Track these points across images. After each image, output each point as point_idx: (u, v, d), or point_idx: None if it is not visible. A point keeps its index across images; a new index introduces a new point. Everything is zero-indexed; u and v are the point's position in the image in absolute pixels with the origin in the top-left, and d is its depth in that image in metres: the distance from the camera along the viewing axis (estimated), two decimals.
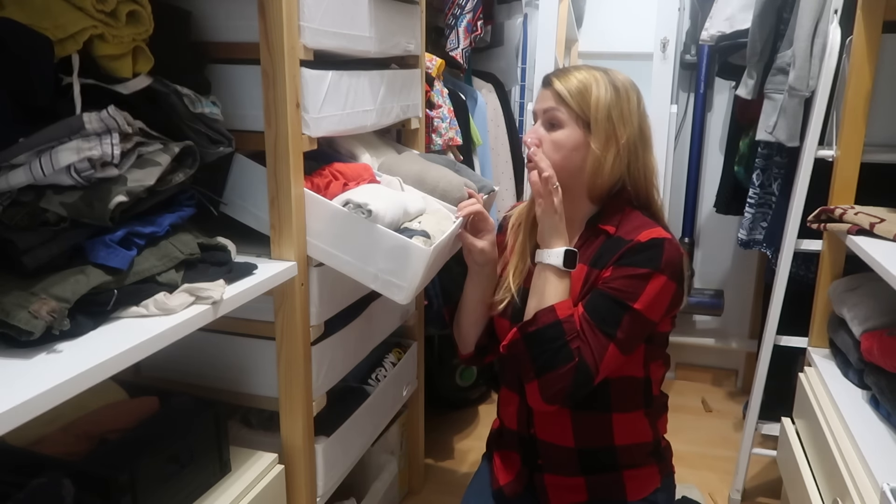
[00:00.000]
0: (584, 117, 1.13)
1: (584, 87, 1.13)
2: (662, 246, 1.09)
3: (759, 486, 2.04)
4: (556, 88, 1.14)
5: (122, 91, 1.00)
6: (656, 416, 1.25)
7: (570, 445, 1.19)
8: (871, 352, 1.38)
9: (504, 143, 2.39)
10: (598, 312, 1.08)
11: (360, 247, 1.22)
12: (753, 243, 2.05)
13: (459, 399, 2.50)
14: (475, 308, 1.29)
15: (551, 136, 1.15)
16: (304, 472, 1.29)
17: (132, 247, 0.96)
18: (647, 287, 1.08)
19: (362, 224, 1.20)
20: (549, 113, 1.16)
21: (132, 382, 1.25)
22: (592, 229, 1.18)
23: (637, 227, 1.13)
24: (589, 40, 2.69)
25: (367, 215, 1.19)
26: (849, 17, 1.61)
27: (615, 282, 1.09)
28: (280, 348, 1.24)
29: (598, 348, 1.07)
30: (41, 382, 0.74)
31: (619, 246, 1.12)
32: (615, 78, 1.16)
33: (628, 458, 1.21)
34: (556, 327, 1.07)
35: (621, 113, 1.14)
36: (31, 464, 0.96)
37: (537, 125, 1.18)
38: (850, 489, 1.20)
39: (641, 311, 1.08)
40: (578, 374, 1.06)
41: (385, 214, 1.21)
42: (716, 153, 2.63)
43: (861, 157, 1.60)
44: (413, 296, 1.25)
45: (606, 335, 1.07)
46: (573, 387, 1.06)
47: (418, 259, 1.19)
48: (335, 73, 1.25)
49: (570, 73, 1.15)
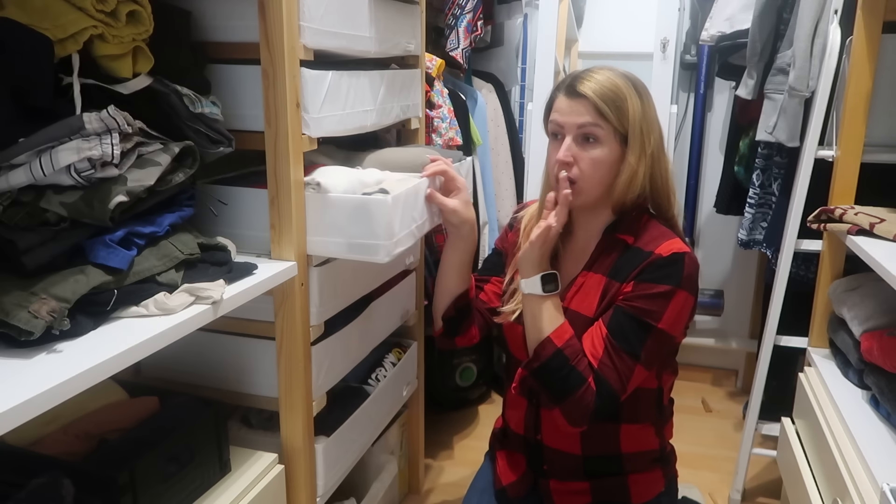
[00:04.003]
0: (622, 131, 1.09)
1: (620, 98, 1.08)
2: (683, 261, 1.08)
3: (759, 486, 2.04)
4: (591, 100, 1.07)
5: (122, 91, 1.00)
6: (663, 424, 1.25)
7: (577, 453, 1.19)
8: (871, 352, 1.38)
9: (504, 143, 2.39)
10: (622, 333, 1.07)
11: (322, 221, 1.20)
12: (753, 243, 2.05)
13: (459, 399, 2.50)
14: (451, 273, 1.30)
15: (590, 155, 1.10)
16: (304, 472, 1.29)
17: (132, 247, 0.96)
18: (670, 305, 1.07)
19: (313, 199, 1.19)
20: (585, 129, 1.09)
21: (132, 382, 1.25)
22: (610, 238, 1.16)
23: (655, 237, 1.11)
24: (589, 40, 2.69)
25: (316, 188, 1.19)
26: (849, 17, 1.61)
27: (637, 301, 1.07)
28: (280, 348, 1.24)
29: (625, 370, 1.06)
30: (41, 382, 0.74)
31: (638, 257, 1.10)
32: (636, 81, 1.11)
33: (634, 465, 1.21)
34: (558, 357, 1.07)
35: (649, 122, 1.10)
36: (31, 464, 0.97)
37: (570, 141, 1.11)
38: (850, 489, 1.20)
39: (665, 329, 1.08)
40: (600, 396, 1.06)
41: (336, 186, 1.20)
42: (716, 153, 2.63)
43: (861, 157, 1.60)
44: (395, 252, 1.21)
45: (632, 356, 1.07)
46: (596, 407, 1.06)
47: (380, 212, 1.16)
48: (335, 73, 1.25)
49: (600, 82, 1.09)
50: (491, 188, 2.26)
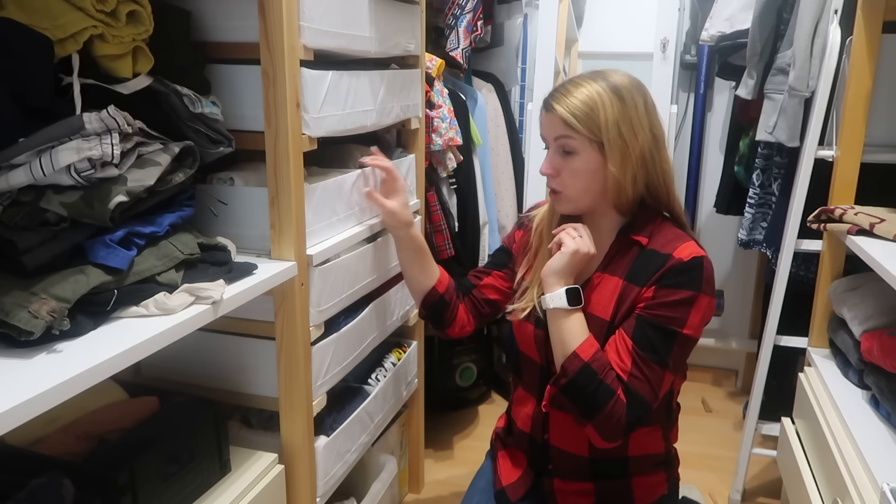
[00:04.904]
0: (596, 139, 1.09)
1: (589, 108, 1.08)
2: (702, 265, 1.08)
3: (759, 486, 2.04)
4: (560, 115, 1.09)
5: (122, 91, 1.00)
6: (670, 428, 1.25)
7: (584, 455, 1.19)
8: (871, 352, 1.38)
9: (504, 143, 2.39)
10: (648, 343, 1.07)
11: (246, 215, 1.21)
12: (753, 243, 2.05)
13: (459, 399, 2.50)
14: (406, 273, 1.36)
15: (569, 165, 1.11)
16: (304, 472, 1.29)
17: (132, 247, 0.96)
18: (693, 310, 1.07)
19: (229, 191, 1.21)
20: (560, 140, 1.11)
21: (132, 382, 1.25)
22: (624, 239, 1.16)
23: (671, 240, 1.11)
24: (589, 40, 2.69)
25: (230, 183, 1.21)
26: (849, 17, 1.61)
27: (661, 309, 1.07)
28: (280, 348, 1.24)
29: (656, 379, 1.07)
30: (41, 382, 0.74)
31: (655, 260, 1.10)
32: (616, 84, 1.09)
33: (639, 468, 1.21)
34: (585, 372, 1.06)
35: (631, 124, 1.09)
36: (31, 464, 0.97)
37: (552, 153, 1.14)
38: (850, 489, 1.20)
39: (690, 335, 1.08)
40: (633, 408, 1.05)
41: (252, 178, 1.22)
42: (716, 153, 2.63)
43: (861, 157, 1.60)
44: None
45: (661, 365, 1.07)
46: (629, 420, 1.06)
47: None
48: (335, 73, 1.25)
49: (571, 93, 1.09)
50: (491, 188, 2.26)
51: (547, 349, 1.17)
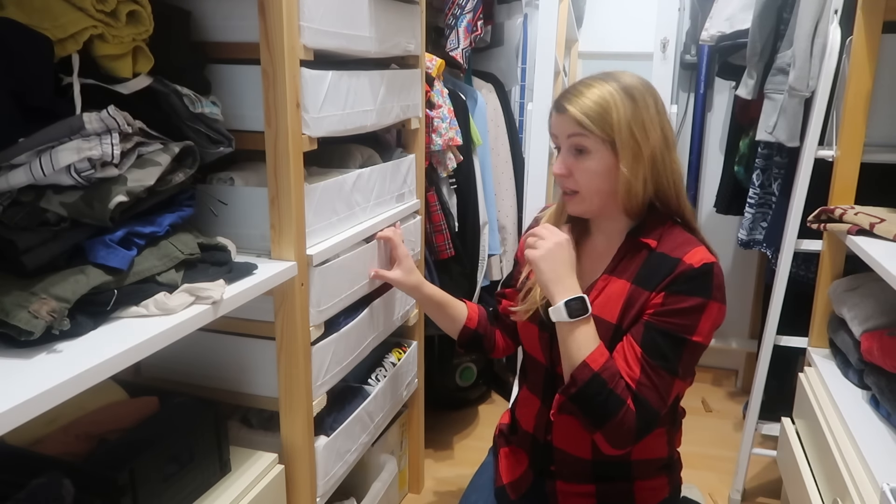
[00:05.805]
0: (609, 139, 1.08)
1: (602, 108, 1.07)
2: (713, 272, 1.07)
3: (759, 486, 2.04)
4: (572, 115, 1.08)
5: (122, 91, 1.00)
6: (675, 432, 1.25)
7: (587, 457, 1.18)
8: (871, 352, 1.38)
9: (504, 143, 2.39)
10: (658, 351, 1.06)
11: (246, 215, 1.23)
12: (753, 243, 2.05)
13: (459, 399, 2.50)
14: (436, 322, 1.44)
15: (582, 165, 1.10)
16: (304, 472, 1.29)
17: (132, 247, 0.96)
18: (703, 318, 1.06)
19: (229, 191, 1.22)
20: (573, 139, 1.10)
21: (132, 382, 1.25)
22: (632, 242, 1.14)
23: (681, 244, 1.10)
24: (589, 40, 2.69)
25: (230, 183, 1.22)
26: (849, 17, 1.61)
27: (670, 316, 1.06)
28: (280, 348, 1.24)
29: (664, 387, 1.06)
30: (41, 382, 0.74)
31: (664, 265, 1.08)
32: (628, 85, 1.09)
33: (641, 472, 1.20)
34: (595, 381, 1.05)
35: (643, 125, 1.08)
36: (31, 464, 0.97)
37: (564, 153, 1.13)
38: (850, 489, 1.20)
39: (700, 341, 1.07)
40: (641, 416, 1.05)
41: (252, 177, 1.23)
42: (716, 153, 2.63)
43: (861, 157, 1.60)
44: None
45: (670, 372, 1.06)
46: (638, 428, 1.05)
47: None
48: (335, 73, 1.25)
49: (583, 93, 1.09)
50: (491, 188, 2.26)
51: (552, 351, 1.17)
